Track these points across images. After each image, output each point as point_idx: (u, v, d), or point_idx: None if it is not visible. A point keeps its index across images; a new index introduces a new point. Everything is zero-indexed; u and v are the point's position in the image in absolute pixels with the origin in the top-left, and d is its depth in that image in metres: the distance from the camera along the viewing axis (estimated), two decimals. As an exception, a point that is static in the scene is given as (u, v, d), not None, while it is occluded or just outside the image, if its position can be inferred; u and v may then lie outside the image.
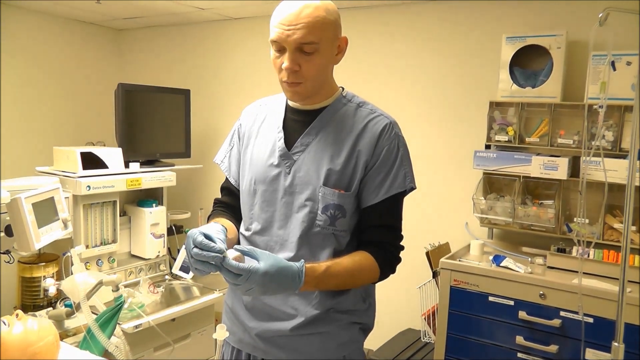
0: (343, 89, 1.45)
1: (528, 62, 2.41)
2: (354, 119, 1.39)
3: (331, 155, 1.35)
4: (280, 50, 1.29)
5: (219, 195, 1.61)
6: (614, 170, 2.08)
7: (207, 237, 1.19)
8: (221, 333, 1.11)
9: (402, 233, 1.42)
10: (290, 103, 1.44)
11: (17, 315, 1.35)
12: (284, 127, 1.43)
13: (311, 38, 1.25)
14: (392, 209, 1.38)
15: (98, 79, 3.74)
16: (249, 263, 1.15)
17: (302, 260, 1.24)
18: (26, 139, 3.31)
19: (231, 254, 1.15)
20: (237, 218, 1.52)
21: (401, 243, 1.42)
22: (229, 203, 1.55)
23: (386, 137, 1.36)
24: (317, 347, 1.38)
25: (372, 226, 1.38)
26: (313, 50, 1.27)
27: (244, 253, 1.17)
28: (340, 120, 1.39)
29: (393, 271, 1.40)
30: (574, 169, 2.32)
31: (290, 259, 1.33)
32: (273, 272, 1.16)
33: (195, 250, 1.16)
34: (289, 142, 1.40)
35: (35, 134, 3.35)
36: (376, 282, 1.40)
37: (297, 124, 1.42)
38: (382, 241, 1.37)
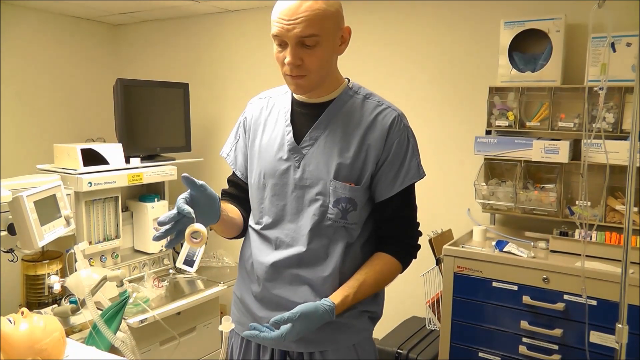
0: (349, 80, 1.45)
1: (527, 47, 2.39)
2: (362, 111, 1.39)
3: (340, 149, 1.36)
4: (282, 44, 1.29)
5: (224, 187, 1.62)
6: (615, 152, 2.07)
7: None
8: (227, 325, 1.11)
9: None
10: (297, 96, 1.44)
11: (22, 312, 1.36)
12: (291, 121, 1.43)
13: (312, 31, 1.25)
14: (407, 200, 1.41)
15: (96, 75, 3.73)
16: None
17: (332, 302, 1.31)
18: (26, 137, 3.30)
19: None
20: (244, 208, 1.53)
21: (419, 229, 1.47)
22: (235, 195, 1.56)
23: (396, 130, 1.37)
24: (326, 336, 1.39)
25: (389, 219, 1.40)
26: (314, 43, 1.27)
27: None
28: (348, 113, 1.39)
29: (414, 257, 1.46)
30: (575, 152, 2.31)
31: (303, 253, 1.36)
32: (305, 328, 1.27)
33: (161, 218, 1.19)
34: (297, 135, 1.41)
35: (34, 131, 3.35)
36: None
37: (304, 118, 1.42)
38: (402, 235, 1.41)
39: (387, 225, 1.42)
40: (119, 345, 1.74)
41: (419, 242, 1.46)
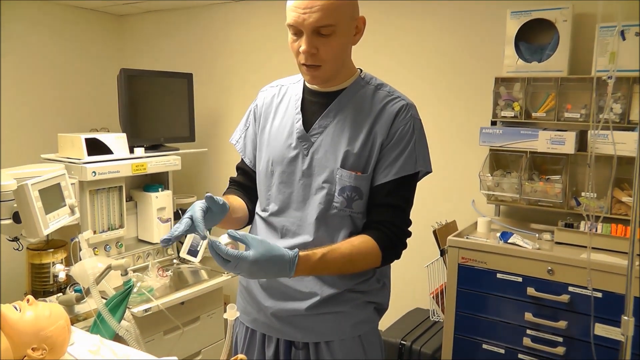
0: (361, 70, 1.44)
1: (534, 37, 2.37)
2: (372, 101, 1.38)
3: (349, 138, 1.35)
4: (297, 33, 1.29)
5: (227, 177, 1.62)
6: (622, 143, 2.05)
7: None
8: (231, 313, 1.11)
9: (410, 219, 1.40)
10: (308, 84, 1.43)
11: (27, 300, 1.36)
12: (301, 109, 1.42)
13: (327, 21, 1.24)
14: (401, 190, 1.37)
15: (100, 65, 3.72)
16: (239, 250, 1.16)
17: (297, 249, 1.23)
18: (30, 126, 3.30)
19: (224, 239, 1.16)
20: (250, 198, 1.53)
21: (409, 229, 1.40)
22: (243, 183, 1.56)
23: (401, 118, 1.35)
24: (332, 326, 1.39)
25: (379, 205, 1.37)
26: (330, 33, 1.26)
27: (235, 239, 1.17)
28: (358, 102, 1.38)
29: (397, 256, 1.39)
30: (581, 143, 2.29)
31: (309, 243, 1.35)
32: (262, 260, 1.16)
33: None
34: (307, 124, 1.40)
35: (39, 121, 3.35)
36: (379, 267, 1.39)
37: (315, 106, 1.41)
38: (386, 221, 1.35)
39: (375, 211, 1.37)
40: (123, 334, 1.74)
41: (406, 241, 1.39)
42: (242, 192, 1.54)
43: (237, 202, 1.47)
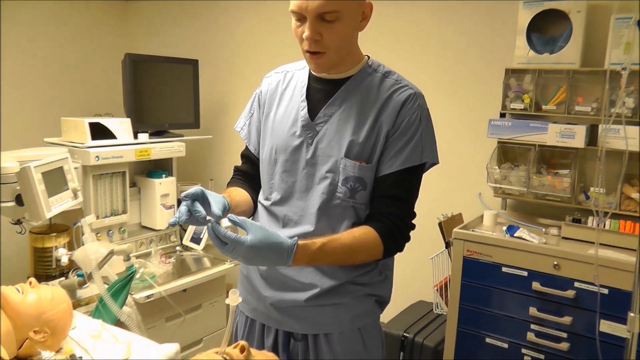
0: (369, 57, 1.41)
1: (546, 28, 2.33)
2: (379, 89, 1.35)
3: (354, 127, 1.32)
4: (301, 19, 1.25)
5: (232, 165, 1.60)
6: (634, 138, 2.02)
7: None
8: (234, 298, 1.09)
9: (415, 210, 1.38)
10: (313, 72, 1.40)
11: (30, 283, 1.35)
12: (307, 96, 1.39)
13: (332, 7, 1.21)
14: (406, 181, 1.34)
15: (105, 50, 3.70)
16: (238, 234, 1.14)
17: (296, 237, 1.21)
18: (34, 110, 3.29)
19: (224, 223, 1.15)
20: (254, 188, 1.51)
21: (412, 222, 1.37)
22: (247, 171, 1.53)
23: (408, 107, 1.32)
24: (331, 318, 1.37)
25: (383, 196, 1.34)
26: (334, 19, 1.23)
27: (235, 223, 1.16)
28: (365, 90, 1.35)
29: (399, 249, 1.37)
30: (592, 137, 2.26)
31: (310, 233, 1.33)
32: (260, 246, 1.15)
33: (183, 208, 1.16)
34: (312, 112, 1.37)
35: (43, 105, 3.33)
36: (380, 260, 1.37)
37: (320, 94, 1.38)
38: (389, 213, 1.33)
39: (379, 203, 1.34)
40: (125, 320, 1.74)
41: (409, 235, 1.37)
42: (246, 182, 1.51)
43: (239, 195, 1.44)
